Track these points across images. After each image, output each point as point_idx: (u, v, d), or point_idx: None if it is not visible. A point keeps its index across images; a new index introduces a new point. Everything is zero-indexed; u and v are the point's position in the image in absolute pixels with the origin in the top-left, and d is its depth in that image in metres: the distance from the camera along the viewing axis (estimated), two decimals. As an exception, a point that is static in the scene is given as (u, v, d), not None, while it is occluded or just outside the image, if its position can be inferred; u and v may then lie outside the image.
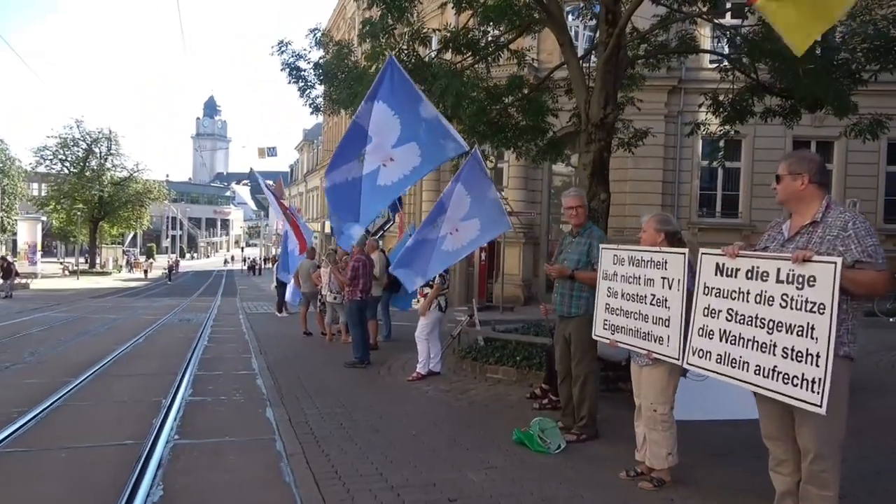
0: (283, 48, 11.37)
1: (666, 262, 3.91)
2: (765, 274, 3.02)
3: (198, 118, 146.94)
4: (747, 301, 3.07)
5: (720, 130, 10.93)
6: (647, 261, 4.03)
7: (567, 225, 5.76)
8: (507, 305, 19.01)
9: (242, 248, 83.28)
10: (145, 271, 54.57)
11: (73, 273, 45.70)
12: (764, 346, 2.90)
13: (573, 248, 5.36)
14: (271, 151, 29.94)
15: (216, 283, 41.97)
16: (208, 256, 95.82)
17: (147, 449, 4.61)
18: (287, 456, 4.56)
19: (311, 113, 12.07)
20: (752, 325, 3.00)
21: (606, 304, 4.44)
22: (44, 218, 51.05)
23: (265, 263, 55.96)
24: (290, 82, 11.64)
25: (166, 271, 51.23)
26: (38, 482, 4.12)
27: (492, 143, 11.96)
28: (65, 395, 6.59)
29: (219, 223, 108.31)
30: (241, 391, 6.98)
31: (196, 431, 5.31)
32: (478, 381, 7.50)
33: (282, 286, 16.13)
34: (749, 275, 3.11)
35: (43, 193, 56.44)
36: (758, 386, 2.91)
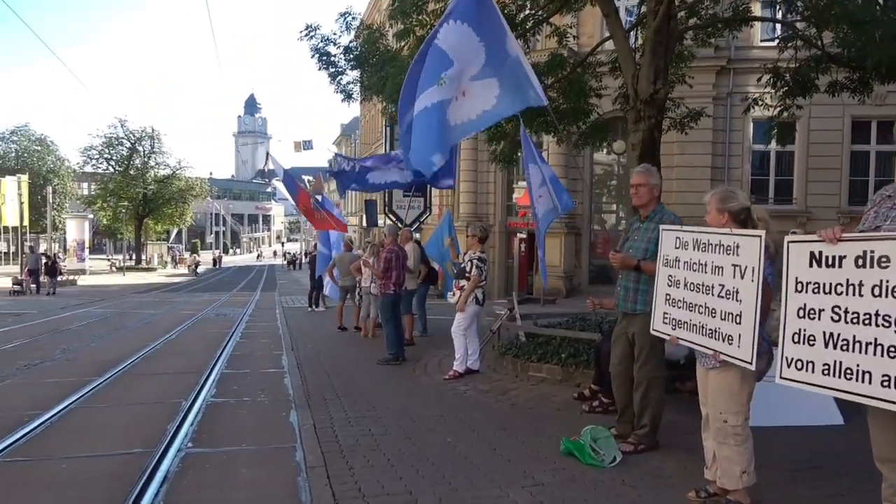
0: (311, 33, 10.96)
1: (738, 247, 3.26)
2: (883, 259, 2.38)
3: (239, 116, 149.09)
4: (860, 295, 2.43)
5: (780, 106, 10.05)
6: (716, 245, 3.40)
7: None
8: (548, 298, 18.34)
9: (283, 244, 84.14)
10: (195, 266, 50.81)
11: (120, 269, 46.68)
12: (893, 349, 2.26)
13: (640, 235, 4.72)
14: (307, 145, 29.77)
15: (257, 277, 42.29)
16: (251, 252, 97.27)
17: (155, 460, 4.19)
18: (307, 469, 4.08)
19: (343, 100, 11.64)
20: (871, 324, 2.35)
21: (667, 294, 3.82)
22: (91, 216, 52.40)
23: (305, 258, 56.40)
24: (319, 69, 11.23)
25: (211, 265, 51.83)
26: (28, 498, 3.73)
27: (530, 127, 11.34)
28: (84, 395, 6.28)
29: (260, 219, 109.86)
30: (267, 391, 6.58)
31: (212, 439, 4.89)
32: (519, 381, 6.94)
33: (317, 281, 15.86)
34: (860, 262, 2.46)
35: (90, 192, 58.00)
36: (888, 401, 2.27)
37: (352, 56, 11.00)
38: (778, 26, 20.54)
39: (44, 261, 27.03)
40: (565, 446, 4.37)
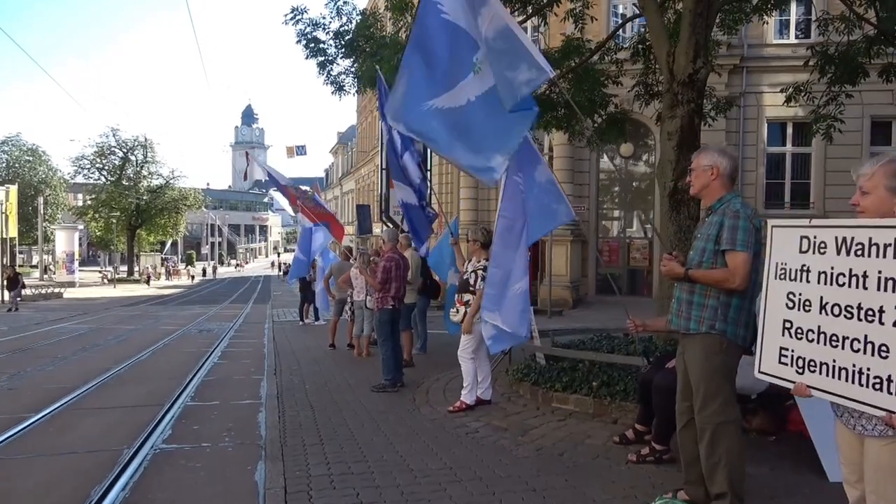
0: (297, 16, 9.82)
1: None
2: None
3: (236, 127, 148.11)
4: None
5: (829, 93, 8.91)
6: (882, 247, 2.22)
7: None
8: (554, 309, 17.12)
9: (279, 254, 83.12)
10: (192, 276, 55.99)
11: (111, 281, 45.41)
12: None
13: (702, 232, 3.58)
14: (300, 150, 28.64)
15: (251, 289, 41.02)
16: (247, 262, 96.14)
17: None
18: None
19: (333, 93, 10.47)
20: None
21: (787, 321, 2.61)
22: (81, 227, 51.18)
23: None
24: (307, 57, 10.06)
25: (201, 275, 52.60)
26: None
27: (538, 122, 10.22)
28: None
29: (257, 229, 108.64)
30: (234, 432, 5.36)
31: (147, 509, 3.69)
32: (542, 414, 5.74)
33: (306, 290, 14.66)
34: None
35: (83, 203, 56.81)
36: None
37: (343, 42, 9.86)
38: (794, 23, 19.85)
39: (7, 273, 24.91)
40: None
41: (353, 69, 10.39)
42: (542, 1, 8.57)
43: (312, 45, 9.90)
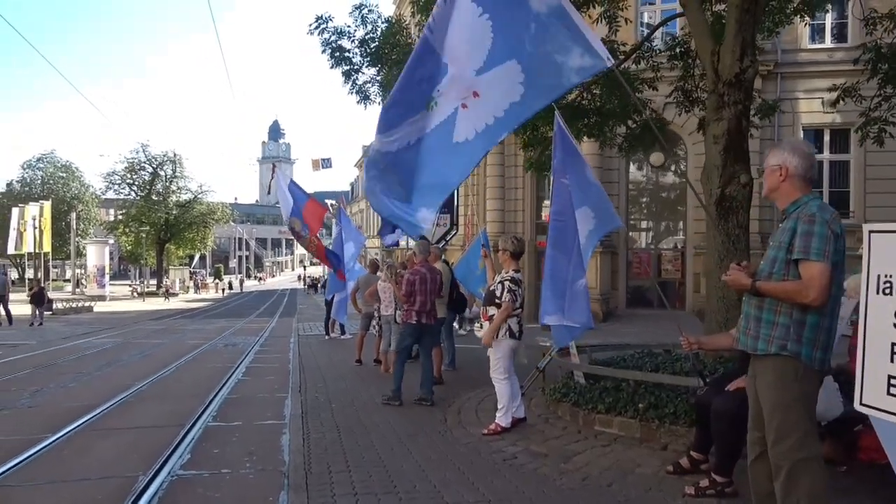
0: (322, 25, 9.62)
1: None
2: None
3: (263, 142, 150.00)
4: None
5: (881, 94, 8.40)
6: None
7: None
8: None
9: (305, 267, 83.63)
10: (223, 289, 57.59)
11: (140, 295, 45.89)
12: None
13: (774, 239, 3.19)
14: (326, 163, 28.62)
15: (277, 302, 41.09)
16: (273, 276, 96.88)
17: None
18: None
19: (359, 102, 10.25)
20: None
21: (896, 343, 2.23)
22: (111, 241, 51.95)
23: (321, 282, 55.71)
24: (332, 66, 9.86)
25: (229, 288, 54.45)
26: None
27: (570, 131, 9.87)
28: (11, 468, 4.75)
29: (284, 243, 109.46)
30: (257, 457, 5.04)
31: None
32: (584, 438, 5.33)
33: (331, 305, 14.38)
34: None
35: (114, 218, 57.79)
36: None
37: (368, 51, 9.64)
38: (829, 27, 19.22)
39: (33, 287, 24.51)
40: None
41: (378, 78, 10.16)
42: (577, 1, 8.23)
43: (337, 53, 9.70)
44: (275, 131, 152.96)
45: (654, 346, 7.78)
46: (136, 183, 53.61)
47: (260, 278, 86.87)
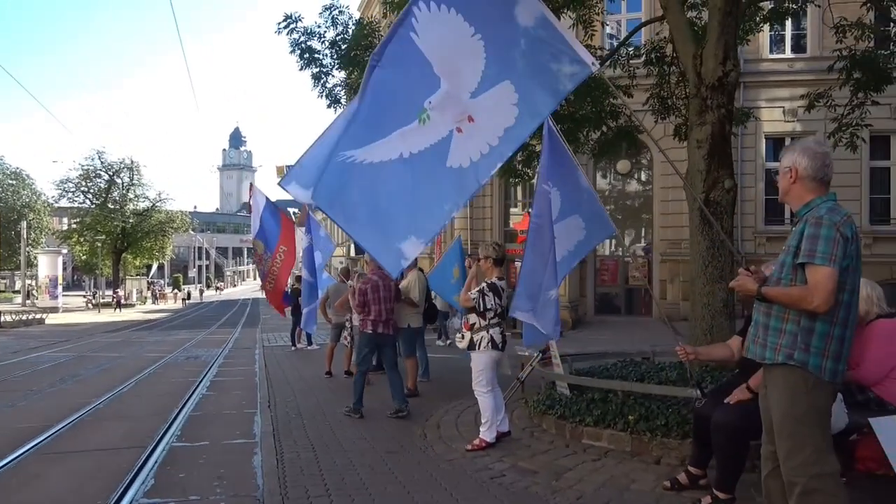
0: (291, 25, 9.30)
1: None
2: None
3: (224, 149, 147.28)
4: None
5: (853, 101, 8.49)
6: None
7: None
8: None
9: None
10: (184, 299, 55.34)
11: (96, 306, 44.30)
12: None
13: (786, 244, 3.05)
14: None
15: (239, 312, 40.12)
16: (235, 285, 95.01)
17: None
18: None
19: (329, 106, 9.94)
20: None
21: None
22: (64, 251, 50.12)
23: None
24: (301, 68, 9.54)
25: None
26: None
27: (535, 136, 9.78)
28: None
29: (245, 252, 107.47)
30: (227, 482, 4.67)
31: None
32: (573, 453, 5.12)
33: (298, 314, 13.89)
34: None
35: (68, 227, 55.76)
36: None
37: (339, 53, 9.35)
38: (789, 36, 19.68)
39: None
40: None
41: (349, 81, 9.88)
42: (557, 2, 8.11)
43: (307, 55, 9.38)
44: (236, 138, 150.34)
45: (633, 354, 7.64)
46: (92, 191, 51.83)
47: (218, 288, 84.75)
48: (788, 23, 19.29)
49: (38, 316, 31.76)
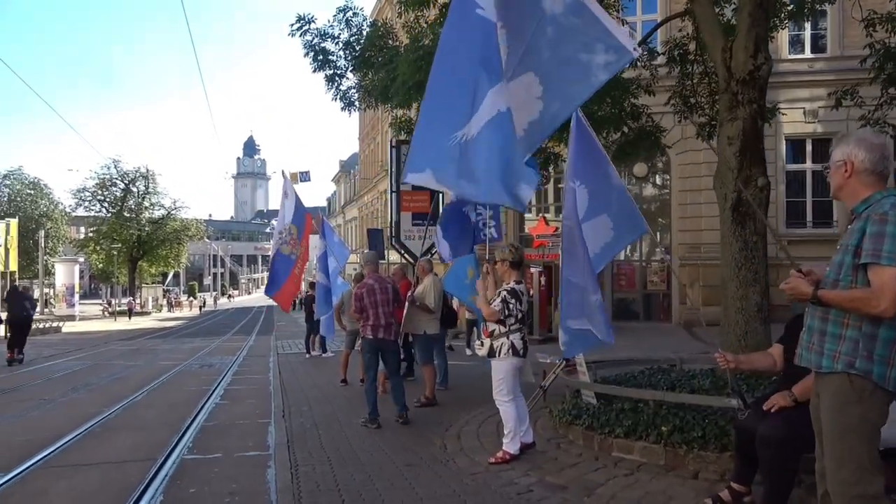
0: (304, 26, 9.13)
1: None
2: None
3: (238, 158, 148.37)
4: None
5: (885, 96, 8.16)
6: None
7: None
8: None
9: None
10: (200, 307, 56.87)
11: (112, 314, 44.51)
12: None
13: (842, 242, 2.79)
14: (304, 176, 27.91)
15: (254, 319, 40.10)
16: (250, 293, 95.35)
17: None
18: None
19: (343, 108, 9.77)
20: None
21: None
22: (81, 259, 50.51)
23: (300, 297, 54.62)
24: (315, 70, 9.36)
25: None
26: None
27: (561, 137, 9.52)
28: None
29: (259, 259, 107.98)
30: (240, 498, 4.44)
31: None
32: (603, 466, 4.84)
33: (312, 320, 13.69)
34: None
35: (85, 236, 56.26)
36: None
37: (353, 54, 9.16)
38: (808, 36, 19.29)
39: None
40: None
41: (363, 83, 9.70)
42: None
43: (321, 57, 9.20)
44: (250, 147, 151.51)
45: (659, 361, 7.35)
46: (108, 199, 52.27)
47: (230, 296, 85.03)
48: (808, 23, 19.00)
49: (55, 324, 31.89)
